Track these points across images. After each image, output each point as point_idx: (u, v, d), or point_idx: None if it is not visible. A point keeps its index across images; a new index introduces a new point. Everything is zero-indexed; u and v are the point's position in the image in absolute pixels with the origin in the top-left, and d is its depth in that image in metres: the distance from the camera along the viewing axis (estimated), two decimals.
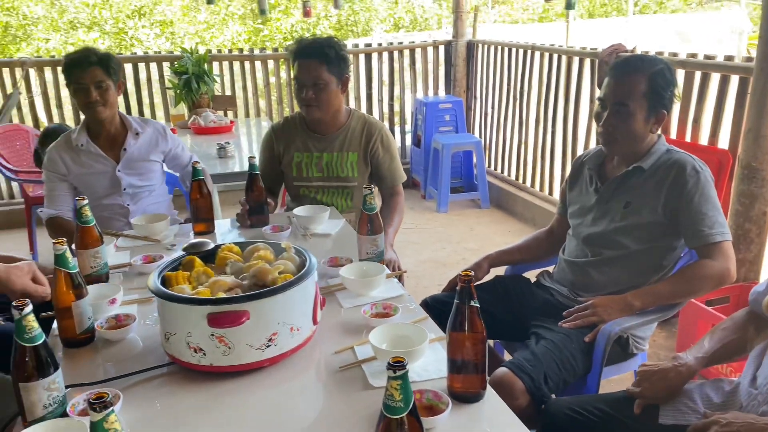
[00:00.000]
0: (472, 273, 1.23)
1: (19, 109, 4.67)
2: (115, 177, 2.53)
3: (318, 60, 2.31)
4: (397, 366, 0.91)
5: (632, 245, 1.90)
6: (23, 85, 4.55)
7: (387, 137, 2.52)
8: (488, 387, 1.29)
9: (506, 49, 4.91)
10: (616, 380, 2.13)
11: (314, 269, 1.45)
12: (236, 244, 1.63)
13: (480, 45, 5.32)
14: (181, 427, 1.24)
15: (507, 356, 2.21)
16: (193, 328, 1.33)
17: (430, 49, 5.54)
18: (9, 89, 4.54)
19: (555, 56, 4.35)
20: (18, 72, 4.56)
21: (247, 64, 5.21)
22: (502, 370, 1.64)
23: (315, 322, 1.46)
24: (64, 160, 2.48)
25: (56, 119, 4.87)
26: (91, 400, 0.84)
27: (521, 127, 4.81)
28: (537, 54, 4.55)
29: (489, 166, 5.32)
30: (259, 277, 1.41)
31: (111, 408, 0.85)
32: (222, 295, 1.38)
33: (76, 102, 2.48)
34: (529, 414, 1.59)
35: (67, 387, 1.27)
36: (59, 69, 4.73)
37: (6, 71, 4.62)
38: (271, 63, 5.29)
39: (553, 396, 1.71)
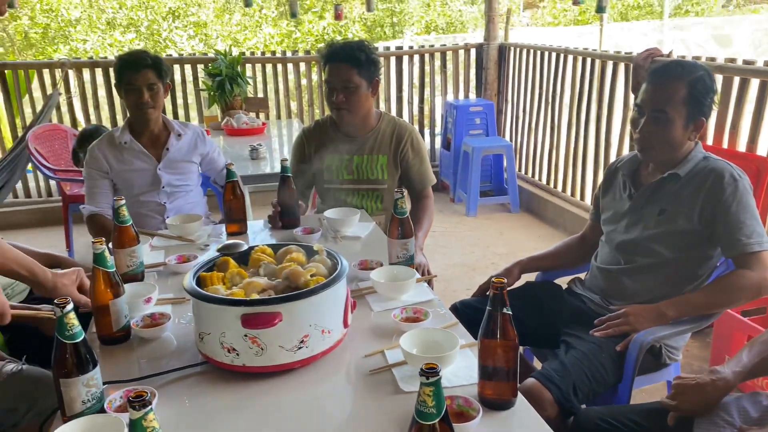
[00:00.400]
0: (505, 280, 1.23)
1: (58, 109, 4.79)
2: (155, 175, 2.59)
3: (349, 63, 2.33)
4: (431, 372, 0.91)
5: (666, 253, 1.87)
6: (62, 85, 4.66)
7: (417, 140, 2.52)
8: (519, 395, 1.29)
9: (538, 53, 4.88)
10: (648, 390, 2.10)
11: (346, 272, 1.45)
12: (269, 245, 1.65)
13: (512, 48, 5.29)
14: (213, 425, 1.26)
15: (537, 363, 2.19)
16: (227, 328, 1.35)
17: (461, 52, 5.53)
18: (49, 90, 4.65)
19: (588, 60, 4.31)
20: (57, 73, 4.67)
21: (279, 67, 5.26)
22: (530, 380, 1.63)
23: (346, 325, 1.47)
24: (106, 157, 2.54)
25: (93, 120, 4.98)
26: (130, 399, 0.86)
27: (553, 131, 4.77)
28: (570, 58, 4.50)
29: (519, 170, 5.28)
30: (292, 279, 1.43)
31: (150, 407, 0.87)
32: (255, 296, 1.40)
33: (126, 102, 2.55)
34: (558, 425, 1.57)
35: (104, 384, 1.30)
36: (97, 70, 4.87)
37: (46, 72, 4.74)
38: (302, 65, 5.33)
39: (583, 406, 1.70)
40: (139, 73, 2.45)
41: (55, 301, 1.16)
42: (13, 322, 1.93)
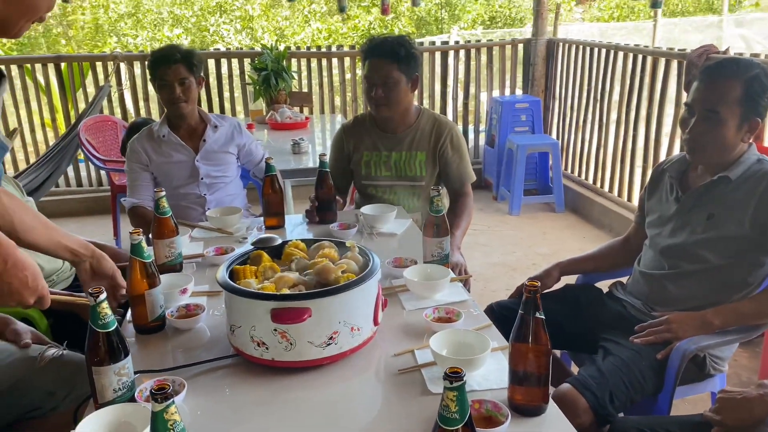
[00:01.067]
0: (539, 283, 1.19)
1: (109, 101, 4.93)
2: (193, 167, 2.63)
3: (388, 59, 2.31)
4: (454, 377, 0.89)
5: (714, 259, 1.79)
6: (113, 78, 4.79)
7: (457, 136, 2.49)
8: (551, 401, 1.25)
9: (588, 49, 4.76)
10: (691, 401, 2.02)
11: (377, 270, 1.44)
12: (303, 240, 1.65)
13: (561, 44, 5.18)
14: (242, 418, 1.27)
15: (574, 368, 2.14)
16: (257, 322, 1.35)
17: (508, 48, 5.44)
18: (101, 82, 4.79)
19: (639, 57, 4.17)
20: (109, 66, 4.80)
21: (324, 61, 5.28)
22: (565, 386, 1.59)
23: (376, 322, 1.46)
24: (146, 150, 2.59)
25: (143, 112, 5.11)
26: (153, 391, 0.87)
27: (601, 129, 4.65)
28: (620, 54, 4.38)
29: (566, 168, 5.17)
30: (322, 275, 1.42)
31: (172, 399, 0.87)
32: (286, 291, 1.39)
33: (160, 97, 2.59)
34: None
35: (136, 373, 1.33)
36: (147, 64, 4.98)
37: (99, 65, 4.88)
38: (347, 60, 5.34)
39: (621, 415, 1.64)
40: (169, 69, 2.49)
41: (89, 290, 1.18)
42: (54, 307, 2.00)
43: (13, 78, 4.78)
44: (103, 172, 4.84)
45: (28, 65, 4.85)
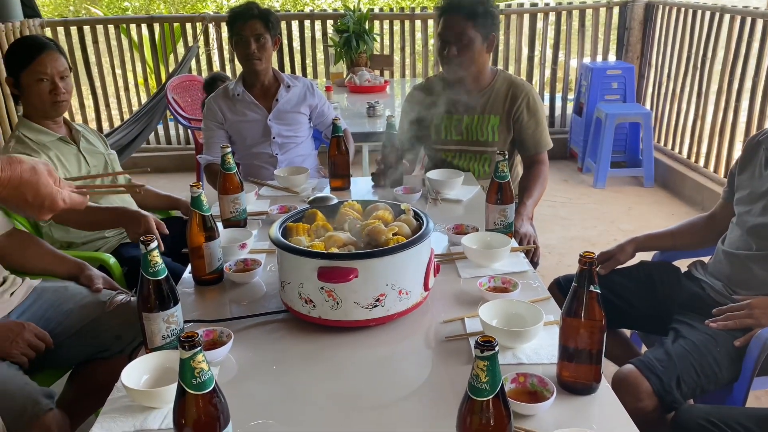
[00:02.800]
0: (595, 254, 1.11)
1: (197, 61, 5.07)
2: (266, 126, 2.65)
3: (464, 16, 2.21)
4: (486, 345, 0.84)
5: None
6: (202, 38, 4.91)
7: (534, 100, 2.36)
8: (603, 381, 1.18)
9: (690, 11, 4.40)
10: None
11: (429, 234, 1.40)
12: (359, 201, 1.62)
13: (660, 6, 4.82)
14: (285, 372, 1.28)
15: (645, 350, 2.02)
16: (305, 279, 1.35)
17: (602, 10, 5.13)
18: (191, 42, 4.93)
19: (748, 20, 3.81)
20: (198, 27, 4.93)
21: (407, 24, 5.19)
22: (627, 367, 1.49)
23: (426, 288, 1.42)
24: (221, 109, 2.64)
25: (228, 73, 5.21)
26: (182, 339, 0.88)
27: (699, 99, 4.31)
28: (726, 17, 4.01)
29: (658, 141, 4.86)
30: (373, 236, 1.40)
31: (199, 348, 0.88)
32: (335, 250, 1.38)
33: (237, 54, 2.62)
34: (654, 419, 1.44)
35: (187, 322, 1.36)
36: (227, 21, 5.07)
37: (188, 26, 5.02)
38: (431, 23, 5.21)
39: (691, 401, 1.53)
40: (246, 24, 2.50)
41: (141, 238, 1.21)
42: (133, 256, 2.09)
43: (110, 38, 5.01)
44: (189, 131, 5.00)
45: (124, 25, 5.06)
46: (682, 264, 1.99)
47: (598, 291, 1.12)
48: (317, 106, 2.74)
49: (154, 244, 1.22)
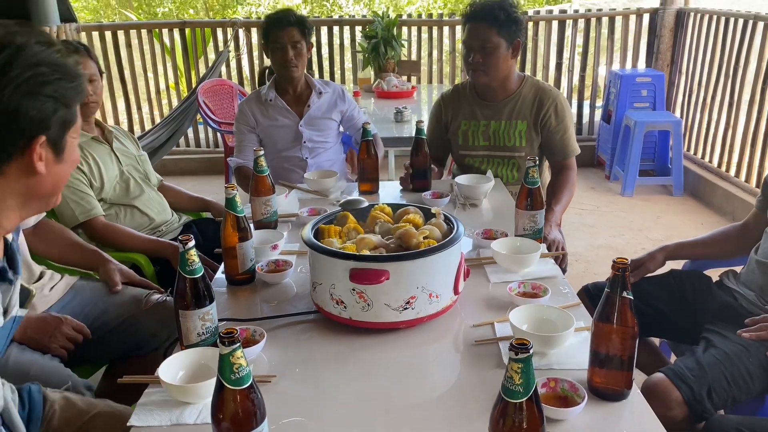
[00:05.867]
0: (628, 260, 1.11)
1: (227, 66, 5.14)
2: (297, 131, 2.69)
3: (487, 23, 2.21)
4: (520, 348, 0.85)
5: None
6: (233, 44, 4.98)
7: (561, 106, 2.36)
8: (635, 388, 1.17)
9: (722, 19, 4.35)
10: None
11: (460, 238, 1.41)
12: (389, 205, 1.64)
13: (692, 14, 4.77)
14: (316, 372, 1.29)
15: (674, 359, 2.00)
16: (336, 280, 1.36)
17: (632, 17, 5.10)
18: (220, 47, 5.00)
19: None
20: (229, 32, 5.00)
21: (435, 30, 5.20)
22: (657, 375, 1.48)
23: (456, 291, 1.43)
24: (253, 113, 2.68)
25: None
26: (221, 335, 0.90)
27: (731, 108, 4.26)
28: (760, 25, 3.96)
29: (687, 149, 4.80)
30: (404, 239, 1.41)
31: (237, 344, 0.90)
32: (366, 252, 1.40)
33: (272, 61, 2.65)
34: (684, 429, 1.43)
35: (221, 320, 1.39)
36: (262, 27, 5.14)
37: (219, 31, 5.09)
38: (458, 29, 5.22)
39: (721, 413, 1.52)
40: (283, 31, 2.53)
41: (179, 237, 1.24)
42: (162, 257, 2.13)
43: (143, 42, 5.11)
44: (219, 134, 5.08)
45: (156, 30, 5.16)
46: (713, 273, 1.97)
47: (631, 297, 1.12)
48: (347, 111, 2.77)
49: (191, 243, 1.24)
